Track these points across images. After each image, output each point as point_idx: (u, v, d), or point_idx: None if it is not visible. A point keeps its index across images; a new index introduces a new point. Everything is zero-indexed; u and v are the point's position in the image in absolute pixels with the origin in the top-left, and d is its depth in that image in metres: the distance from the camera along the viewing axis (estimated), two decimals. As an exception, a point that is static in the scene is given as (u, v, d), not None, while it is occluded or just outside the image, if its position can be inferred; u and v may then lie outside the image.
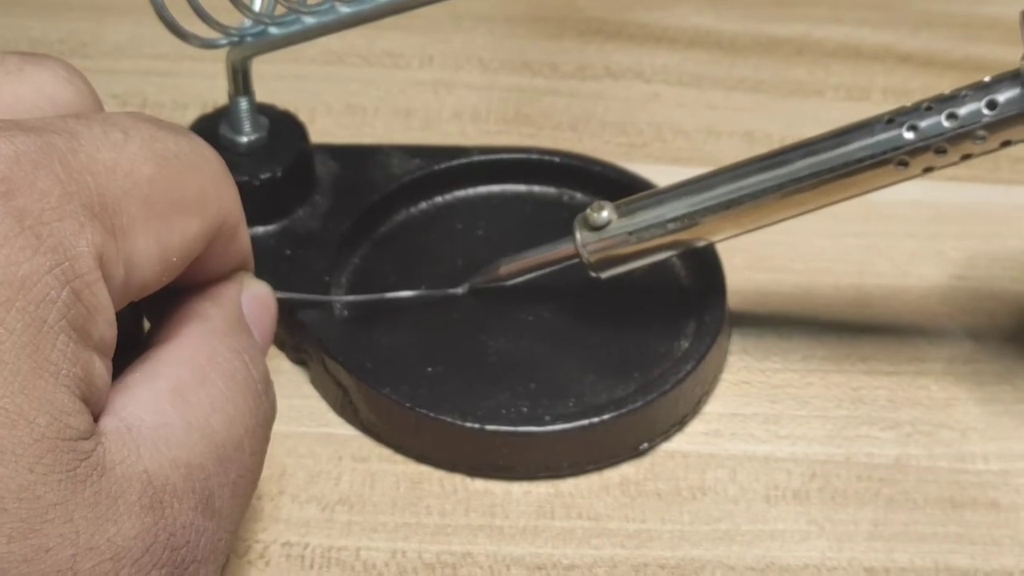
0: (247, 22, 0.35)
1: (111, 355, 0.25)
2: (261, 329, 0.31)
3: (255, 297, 0.31)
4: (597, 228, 0.35)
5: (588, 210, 0.35)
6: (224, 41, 0.35)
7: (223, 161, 0.29)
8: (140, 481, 0.25)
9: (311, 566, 0.33)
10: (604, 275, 0.36)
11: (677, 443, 0.36)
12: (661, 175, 0.41)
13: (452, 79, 0.47)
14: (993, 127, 0.32)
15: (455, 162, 0.41)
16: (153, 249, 0.26)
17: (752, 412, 0.37)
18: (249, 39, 0.35)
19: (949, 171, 0.44)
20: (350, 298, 0.38)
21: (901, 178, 0.33)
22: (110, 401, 0.26)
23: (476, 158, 0.41)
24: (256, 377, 0.29)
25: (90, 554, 0.23)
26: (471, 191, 0.41)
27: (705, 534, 0.34)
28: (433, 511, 0.34)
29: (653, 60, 0.48)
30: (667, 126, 0.46)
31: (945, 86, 0.47)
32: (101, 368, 0.25)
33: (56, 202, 0.24)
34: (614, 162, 0.42)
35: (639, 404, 0.35)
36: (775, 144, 0.45)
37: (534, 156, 0.42)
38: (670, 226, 0.35)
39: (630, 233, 0.35)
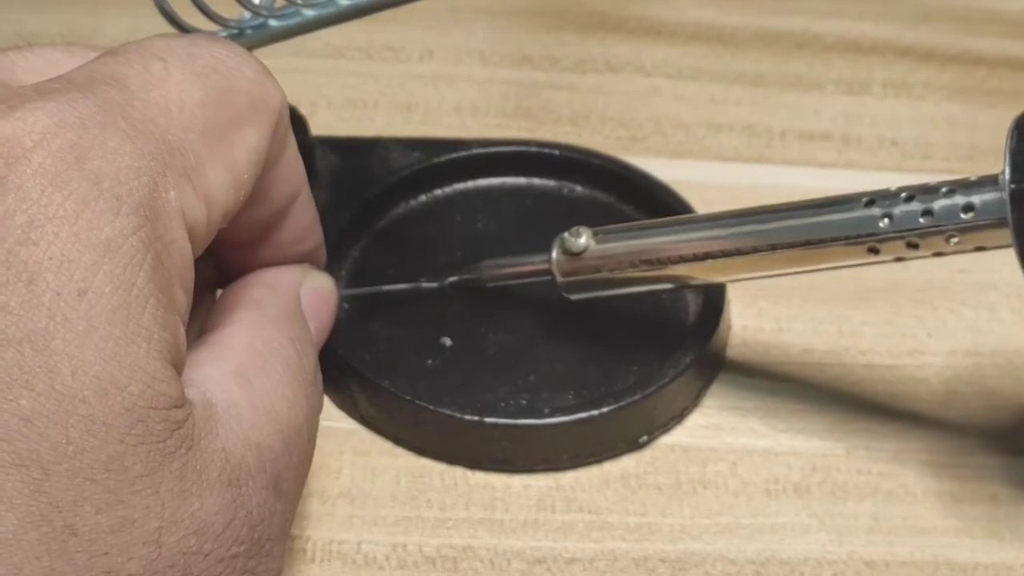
0: (247, 15, 0.34)
1: (187, 322, 0.25)
2: (319, 322, 0.31)
3: (315, 290, 0.31)
4: (572, 252, 0.35)
5: (567, 232, 0.35)
6: (224, 34, 0.34)
7: (257, 58, 0.29)
8: (219, 458, 0.25)
9: (312, 560, 0.33)
10: (574, 297, 0.36)
11: (677, 436, 0.36)
12: (661, 169, 0.41)
13: (452, 73, 0.47)
14: (967, 231, 0.30)
15: (454, 155, 0.41)
16: (224, 175, 0.26)
17: (752, 406, 0.37)
18: (249, 32, 0.35)
19: (951, 164, 0.44)
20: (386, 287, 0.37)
21: (872, 262, 0.32)
22: (183, 374, 0.25)
23: (475, 151, 0.41)
24: (307, 368, 0.29)
25: (175, 527, 0.23)
26: (470, 184, 0.41)
27: (705, 527, 0.34)
28: (433, 505, 0.34)
29: (653, 54, 0.48)
30: (667, 120, 0.46)
31: (945, 80, 0.48)
32: (183, 335, 0.25)
33: (129, 160, 0.24)
34: (614, 156, 0.42)
35: (638, 397, 0.35)
36: (775, 137, 0.45)
37: (533, 149, 0.42)
38: (641, 265, 0.34)
39: (602, 263, 0.35)
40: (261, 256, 0.31)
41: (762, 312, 0.39)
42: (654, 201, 0.40)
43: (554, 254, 0.35)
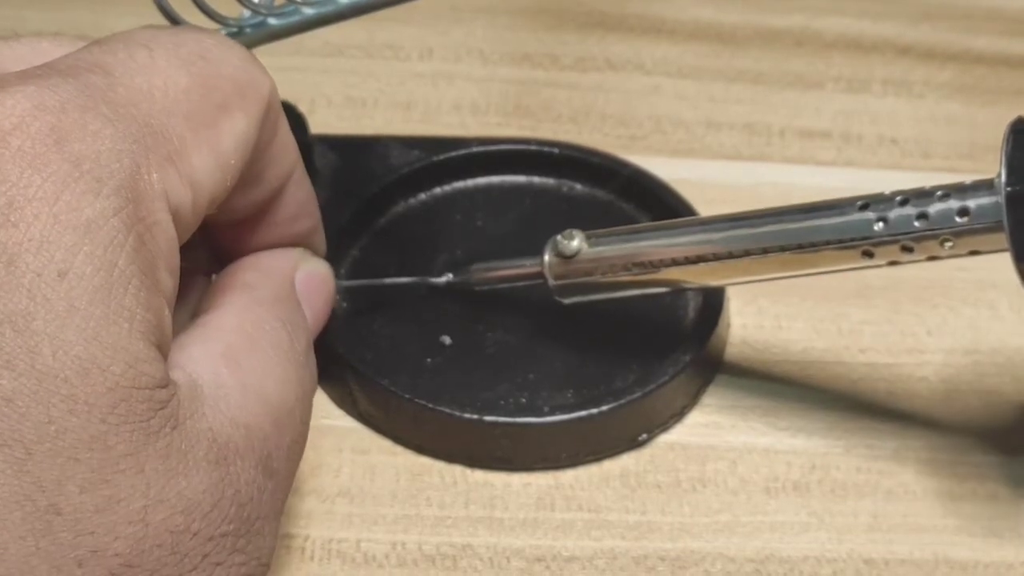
0: (246, 13, 0.34)
1: (173, 306, 0.25)
2: (314, 307, 0.31)
3: (310, 274, 0.31)
4: (565, 255, 0.35)
5: (560, 235, 0.35)
6: (224, 32, 0.34)
7: (245, 48, 0.29)
8: (206, 438, 0.25)
9: (312, 558, 0.33)
10: (567, 301, 0.36)
11: (677, 434, 0.36)
12: (661, 167, 0.41)
13: (452, 71, 0.47)
14: (962, 235, 0.30)
15: (454, 153, 0.41)
16: (209, 160, 0.26)
17: (752, 404, 0.37)
18: (248, 30, 0.35)
19: (951, 162, 0.44)
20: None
21: (865, 266, 0.32)
22: (169, 357, 0.25)
23: (475, 149, 0.41)
24: (299, 349, 0.29)
25: (161, 506, 0.23)
26: (470, 182, 0.41)
27: (705, 526, 0.34)
28: (433, 503, 0.34)
29: (653, 52, 0.48)
30: (667, 118, 0.46)
31: (945, 78, 0.48)
32: (168, 317, 0.25)
33: (111, 143, 0.24)
34: (614, 154, 0.42)
35: (637, 395, 0.35)
36: (775, 136, 0.45)
37: (532, 147, 0.42)
38: (634, 268, 0.34)
39: (595, 266, 0.35)
40: (257, 237, 0.31)
41: (762, 310, 0.39)
42: (654, 200, 0.40)
43: (547, 257, 0.35)
